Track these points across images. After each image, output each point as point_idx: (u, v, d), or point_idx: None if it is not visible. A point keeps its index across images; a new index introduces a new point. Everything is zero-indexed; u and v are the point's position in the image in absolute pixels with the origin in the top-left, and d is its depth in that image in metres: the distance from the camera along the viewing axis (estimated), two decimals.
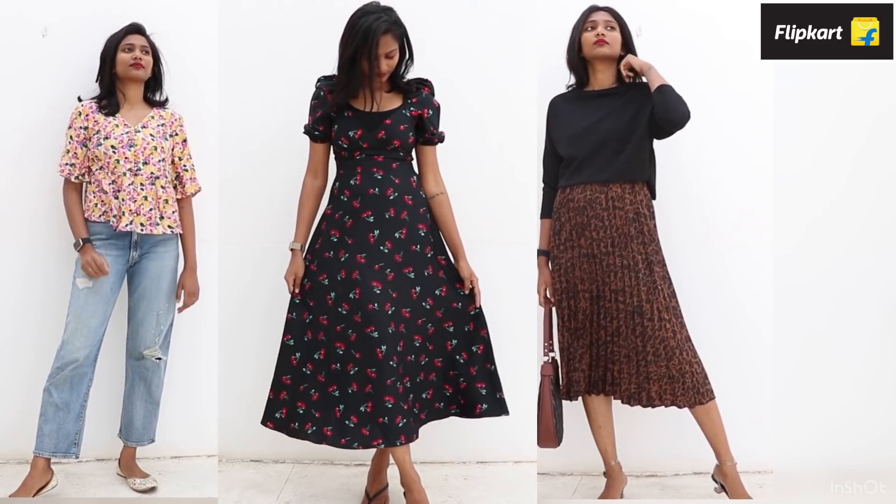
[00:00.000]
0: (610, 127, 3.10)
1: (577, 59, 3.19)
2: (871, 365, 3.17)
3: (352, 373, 2.93)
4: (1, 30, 3.44)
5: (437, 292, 3.06)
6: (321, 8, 3.40)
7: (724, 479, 3.13)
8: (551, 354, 3.21)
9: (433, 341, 3.07)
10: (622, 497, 3.21)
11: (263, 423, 3.06)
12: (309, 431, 2.97)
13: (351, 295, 2.95)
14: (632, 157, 3.10)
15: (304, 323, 3.02)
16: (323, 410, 2.97)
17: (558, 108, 3.24)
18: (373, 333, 2.91)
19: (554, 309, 3.23)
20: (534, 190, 3.43)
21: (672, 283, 3.11)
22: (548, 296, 3.22)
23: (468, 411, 3.11)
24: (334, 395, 2.96)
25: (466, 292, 3.09)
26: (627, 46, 3.17)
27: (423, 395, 3.08)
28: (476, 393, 3.07)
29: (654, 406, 3.05)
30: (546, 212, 3.28)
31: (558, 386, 3.21)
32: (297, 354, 3.02)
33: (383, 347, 2.90)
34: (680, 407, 3.03)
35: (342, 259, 2.99)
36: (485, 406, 3.07)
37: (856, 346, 3.18)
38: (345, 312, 2.95)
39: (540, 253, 3.26)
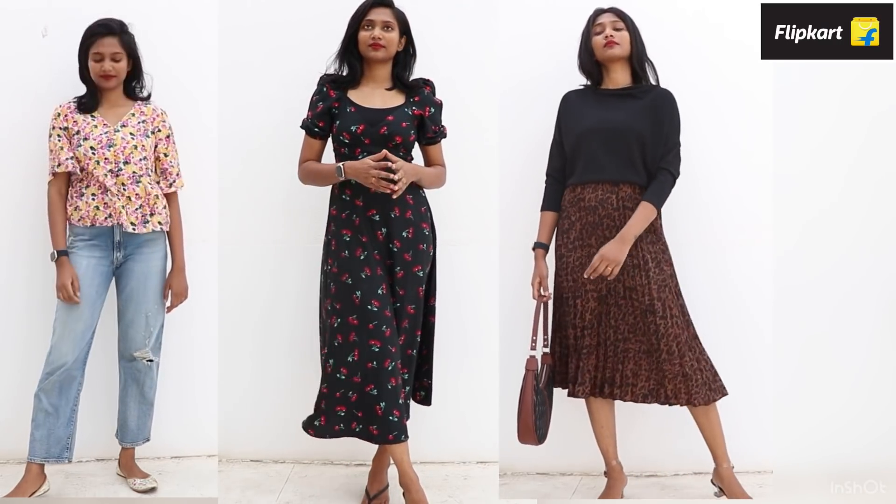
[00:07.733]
0: (631, 126, 3.07)
1: (591, 63, 3.18)
2: (871, 365, 3.18)
3: (389, 368, 2.92)
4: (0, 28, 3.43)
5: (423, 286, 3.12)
6: (323, 5, 3.39)
7: (721, 482, 3.13)
8: (543, 350, 3.17)
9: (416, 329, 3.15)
10: (622, 497, 3.20)
11: (305, 429, 3.06)
12: (357, 430, 2.96)
13: (379, 291, 2.96)
14: (650, 160, 3.09)
15: (334, 328, 2.98)
16: (365, 410, 2.93)
17: (571, 103, 3.21)
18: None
19: (551, 305, 3.20)
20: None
21: (678, 282, 3.12)
22: (542, 291, 3.17)
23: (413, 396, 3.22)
24: (372, 394, 2.91)
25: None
26: (636, 44, 3.15)
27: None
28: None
29: (671, 404, 3.06)
30: (548, 204, 3.23)
31: (551, 381, 3.18)
32: (331, 361, 2.98)
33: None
34: (695, 405, 3.03)
35: (361, 257, 2.98)
36: (422, 394, 3.22)
37: (856, 345, 3.18)
38: (375, 309, 2.94)
39: (538, 245, 3.21)
